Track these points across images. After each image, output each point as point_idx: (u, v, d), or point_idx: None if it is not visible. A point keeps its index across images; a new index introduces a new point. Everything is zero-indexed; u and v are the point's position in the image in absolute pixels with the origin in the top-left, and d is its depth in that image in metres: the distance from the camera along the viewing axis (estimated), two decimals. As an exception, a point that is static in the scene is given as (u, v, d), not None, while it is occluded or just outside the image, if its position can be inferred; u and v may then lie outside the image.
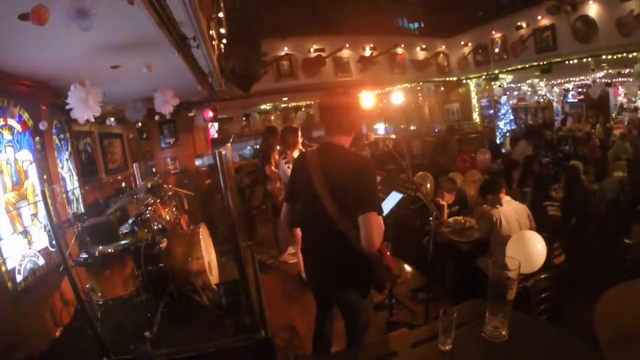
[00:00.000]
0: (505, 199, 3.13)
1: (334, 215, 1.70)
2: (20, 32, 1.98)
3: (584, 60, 6.75)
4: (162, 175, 5.95)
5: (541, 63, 7.25)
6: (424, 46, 8.88)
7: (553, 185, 4.38)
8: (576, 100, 13.83)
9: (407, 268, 4.16)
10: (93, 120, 2.68)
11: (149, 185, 4.35)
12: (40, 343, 2.69)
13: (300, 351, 2.86)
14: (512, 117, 11.20)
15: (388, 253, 1.85)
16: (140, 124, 6.32)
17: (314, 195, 1.75)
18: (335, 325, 2.15)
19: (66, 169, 3.94)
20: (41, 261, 2.99)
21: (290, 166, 3.56)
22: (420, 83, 9.40)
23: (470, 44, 8.65)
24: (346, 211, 1.69)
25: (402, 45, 8.60)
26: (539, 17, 6.94)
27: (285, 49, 7.69)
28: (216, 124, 9.93)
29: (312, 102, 11.21)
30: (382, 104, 10.44)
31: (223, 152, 2.54)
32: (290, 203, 2.02)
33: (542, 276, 2.65)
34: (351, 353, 1.74)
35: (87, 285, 2.92)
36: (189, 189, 5.08)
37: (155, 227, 3.34)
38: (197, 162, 7.46)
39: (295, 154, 3.72)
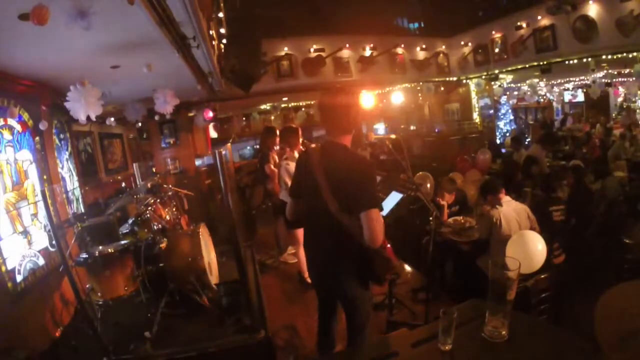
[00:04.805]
0: (505, 199, 3.13)
1: (335, 211, 1.76)
2: (20, 32, 1.98)
3: (584, 60, 6.75)
4: (162, 175, 5.95)
5: (541, 63, 7.25)
6: (424, 46, 8.88)
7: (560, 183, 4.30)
8: (576, 100, 13.84)
9: (407, 268, 4.16)
10: (93, 119, 2.68)
11: (149, 185, 4.35)
12: (40, 343, 2.69)
13: (300, 351, 2.86)
14: (512, 117, 11.20)
15: (388, 245, 1.91)
16: (140, 124, 6.31)
17: (316, 192, 1.81)
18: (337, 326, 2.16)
19: (66, 169, 3.94)
20: (41, 261, 2.99)
21: (291, 164, 3.58)
22: (420, 83, 9.40)
23: (470, 44, 8.65)
24: (346, 207, 1.75)
25: (402, 45, 8.60)
26: (539, 17, 6.95)
27: (285, 49, 7.69)
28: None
29: (312, 102, 11.21)
30: (382, 104, 10.43)
31: (223, 152, 2.55)
32: (295, 198, 2.07)
33: (542, 276, 2.65)
34: (351, 353, 1.74)
35: (87, 285, 2.92)
36: (189, 189, 5.08)
37: (155, 227, 3.34)
38: (197, 162, 7.46)
39: (296, 154, 3.74)
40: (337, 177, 1.79)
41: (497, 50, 8.01)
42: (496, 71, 8.34)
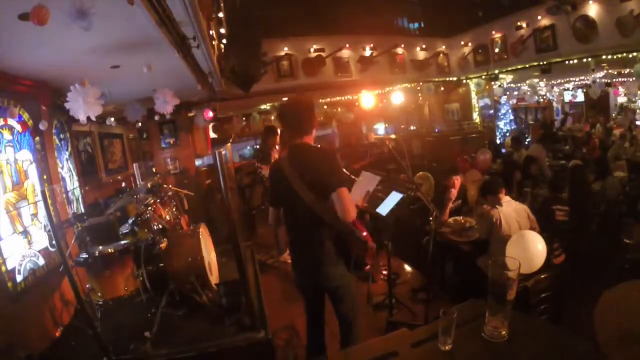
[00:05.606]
0: (505, 199, 3.13)
1: (310, 202, 1.93)
2: (20, 32, 1.98)
3: (584, 60, 6.74)
4: (162, 175, 5.95)
5: (541, 63, 7.25)
6: (424, 46, 8.87)
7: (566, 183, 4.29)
8: (576, 100, 13.85)
9: (407, 268, 4.16)
10: (93, 119, 2.68)
11: (149, 185, 4.35)
12: (40, 343, 2.69)
13: (300, 351, 2.86)
14: (512, 117, 11.20)
15: (365, 233, 2.11)
16: (140, 124, 6.32)
17: (292, 193, 1.97)
18: (331, 326, 2.17)
19: (66, 169, 3.94)
20: (41, 261, 2.99)
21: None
22: (420, 83, 9.39)
23: (470, 44, 8.65)
24: (321, 197, 1.93)
25: (402, 45, 8.59)
26: (539, 17, 6.94)
27: (285, 49, 7.69)
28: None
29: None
30: (382, 104, 10.43)
31: (223, 152, 2.55)
32: (275, 206, 2.22)
33: (542, 276, 2.65)
34: (351, 353, 1.74)
35: (87, 285, 2.92)
36: (189, 189, 5.08)
37: (155, 227, 3.33)
38: (197, 162, 7.46)
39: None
40: (307, 170, 1.96)
41: (497, 50, 8.00)
42: (496, 71, 8.33)
